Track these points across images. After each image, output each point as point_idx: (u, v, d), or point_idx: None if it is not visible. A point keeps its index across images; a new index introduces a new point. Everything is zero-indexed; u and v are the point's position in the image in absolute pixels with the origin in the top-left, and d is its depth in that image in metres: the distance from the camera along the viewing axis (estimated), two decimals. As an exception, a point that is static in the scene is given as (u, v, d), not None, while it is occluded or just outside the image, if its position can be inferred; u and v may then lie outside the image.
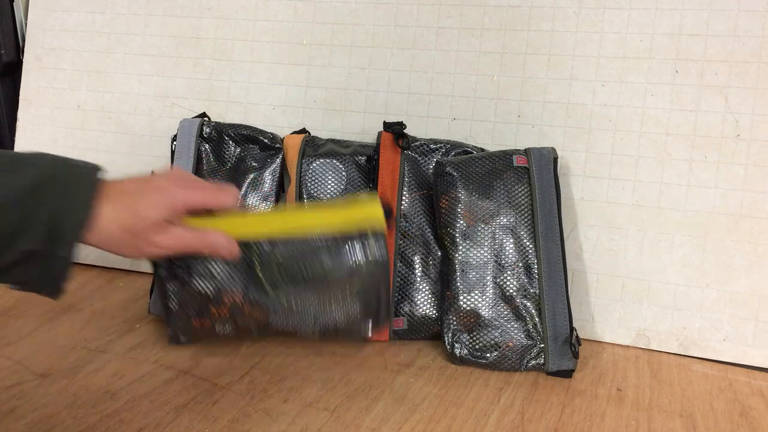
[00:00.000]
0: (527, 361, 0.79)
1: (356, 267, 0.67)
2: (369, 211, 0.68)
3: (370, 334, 0.69)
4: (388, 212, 0.69)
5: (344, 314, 0.68)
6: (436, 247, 0.86)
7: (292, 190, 0.90)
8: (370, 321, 0.69)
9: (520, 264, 0.81)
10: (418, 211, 0.87)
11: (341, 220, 0.68)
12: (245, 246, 0.66)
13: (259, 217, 0.72)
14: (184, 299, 0.68)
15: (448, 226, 0.82)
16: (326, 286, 0.67)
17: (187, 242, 0.61)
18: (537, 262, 0.80)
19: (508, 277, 0.80)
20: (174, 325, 0.70)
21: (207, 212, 0.64)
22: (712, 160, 0.85)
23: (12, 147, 1.12)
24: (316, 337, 0.69)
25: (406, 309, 0.85)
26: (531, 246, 0.81)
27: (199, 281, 0.67)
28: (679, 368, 0.82)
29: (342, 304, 0.68)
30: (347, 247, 0.67)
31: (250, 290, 0.67)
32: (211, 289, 0.67)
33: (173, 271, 0.68)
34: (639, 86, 0.87)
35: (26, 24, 1.12)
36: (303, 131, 0.96)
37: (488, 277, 0.81)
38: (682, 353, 0.85)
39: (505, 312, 0.80)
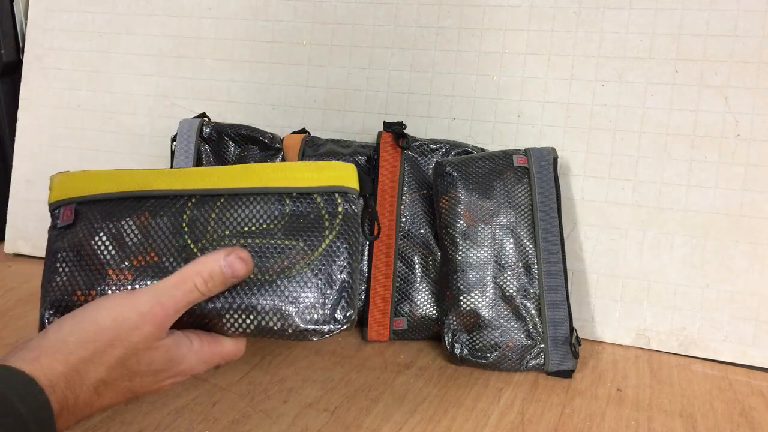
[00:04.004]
0: (527, 361, 0.79)
1: (316, 230, 0.54)
2: (340, 171, 0.57)
3: (322, 329, 0.54)
4: (365, 183, 0.58)
5: (292, 289, 0.53)
6: (436, 247, 0.86)
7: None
8: (327, 307, 0.54)
9: (520, 264, 0.81)
10: (418, 211, 0.87)
11: (302, 173, 0.56)
12: (172, 199, 0.54)
13: (202, 170, 0.57)
14: (72, 267, 0.54)
15: (448, 226, 0.82)
16: (273, 255, 0.53)
17: (205, 364, 0.53)
18: (537, 262, 0.80)
19: (508, 277, 0.80)
20: (48, 304, 0.55)
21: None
22: (712, 160, 0.85)
23: (12, 147, 1.12)
24: (248, 327, 0.53)
25: (406, 309, 0.85)
26: (531, 246, 0.81)
27: (100, 240, 0.54)
28: (679, 368, 0.82)
29: (291, 277, 0.53)
30: (306, 200, 0.54)
31: (168, 252, 0.53)
32: (114, 250, 0.54)
33: (71, 227, 0.54)
34: (639, 86, 0.87)
35: (26, 24, 1.12)
36: (303, 131, 0.96)
37: (488, 277, 0.81)
38: (682, 353, 0.85)
39: (505, 312, 0.80)
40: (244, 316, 0.53)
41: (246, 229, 0.54)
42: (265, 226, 0.54)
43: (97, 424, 0.66)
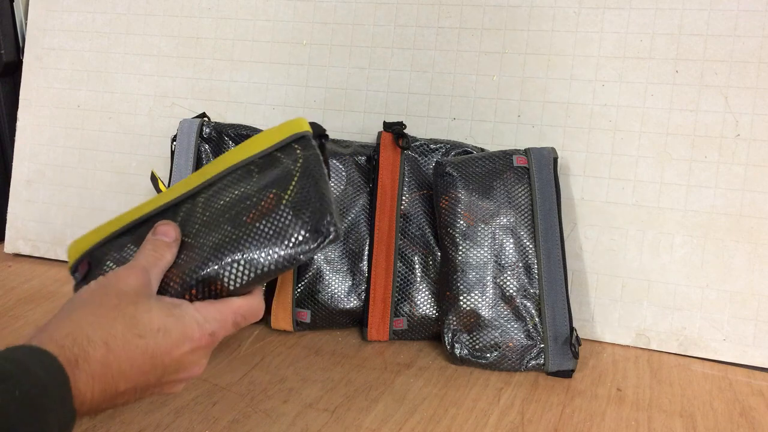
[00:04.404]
0: (527, 361, 0.79)
1: (284, 176, 0.57)
2: (291, 125, 0.61)
3: (311, 246, 0.55)
4: (318, 131, 0.61)
5: (271, 226, 0.55)
6: (436, 247, 0.86)
7: (292, 190, 0.90)
8: (307, 226, 0.55)
9: (520, 264, 0.81)
10: (418, 211, 0.87)
11: (260, 142, 0.61)
12: (164, 213, 0.59)
13: (185, 180, 0.62)
14: None
15: (448, 226, 0.82)
16: (249, 207, 0.56)
17: (217, 338, 0.54)
18: (537, 262, 0.80)
19: (508, 277, 0.80)
20: None
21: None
22: (712, 160, 0.85)
23: (12, 147, 1.12)
24: (245, 275, 0.55)
25: (406, 309, 0.85)
26: (531, 246, 0.81)
27: (107, 266, 0.58)
28: (679, 368, 0.82)
29: (268, 218, 0.55)
30: (268, 160, 0.59)
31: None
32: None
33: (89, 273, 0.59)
34: (639, 86, 0.87)
35: (26, 24, 1.12)
36: (303, 131, 0.96)
37: (488, 277, 0.81)
38: (682, 353, 0.85)
39: (505, 312, 0.80)
40: (236, 269, 0.55)
41: (225, 201, 0.57)
42: (240, 191, 0.58)
43: (97, 424, 0.66)
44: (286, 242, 0.55)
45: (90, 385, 0.47)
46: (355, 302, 0.86)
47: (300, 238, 0.55)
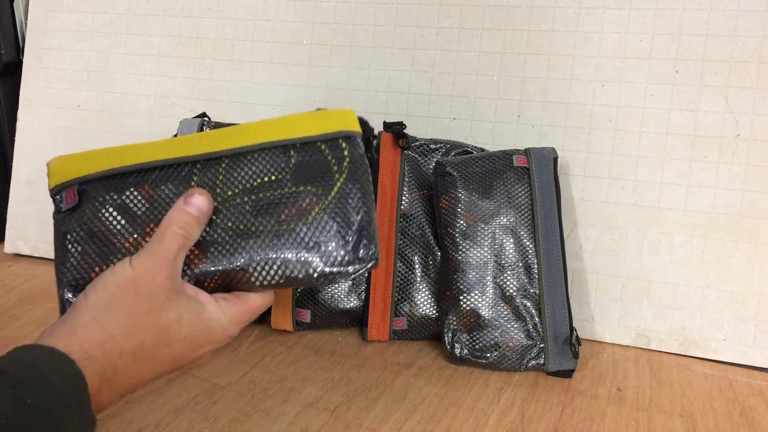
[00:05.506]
0: (527, 361, 0.79)
1: (326, 175, 0.53)
2: (340, 117, 0.57)
3: (347, 270, 0.54)
4: (368, 133, 0.58)
5: (311, 235, 0.53)
6: (436, 247, 0.86)
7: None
8: (348, 247, 0.53)
9: (520, 264, 0.81)
10: (418, 211, 0.87)
11: (302, 124, 0.56)
12: (177, 168, 0.55)
13: (201, 135, 0.57)
14: (85, 246, 0.54)
15: (448, 226, 0.82)
16: (285, 203, 0.53)
17: (246, 319, 0.54)
18: (537, 262, 0.80)
19: (508, 277, 0.80)
20: (65, 285, 0.55)
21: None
22: (712, 160, 0.85)
23: (12, 147, 1.12)
24: (274, 278, 0.53)
25: (406, 309, 0.85)
26: (531, 246, 0.81)
27: (108, 213, 0.54)
28: (679, 368, 0.82)
29: (309, 224, 0.53)
30: (310, 150, 0.54)
31: None
32: (124, 221, 0.54)
33: (78, 208, 0.54)
34: (639, 86, 0.87)
35: (26, 24, 1.12)
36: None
37: (488, 277, 0.81)
38: (682, 353, 0.85)
39: (505, 312, 0.80)
40: (268, 269, 0.53)
41: (254, 183, 0.54)
42: (273, 177, 0.54)
43: (96, 424, 0.66)
44: (323, 258, 0.53)
45: (110, 395, 0.47)
46: (355, 302, 0.86)
47: (339, 259, 0.53)
